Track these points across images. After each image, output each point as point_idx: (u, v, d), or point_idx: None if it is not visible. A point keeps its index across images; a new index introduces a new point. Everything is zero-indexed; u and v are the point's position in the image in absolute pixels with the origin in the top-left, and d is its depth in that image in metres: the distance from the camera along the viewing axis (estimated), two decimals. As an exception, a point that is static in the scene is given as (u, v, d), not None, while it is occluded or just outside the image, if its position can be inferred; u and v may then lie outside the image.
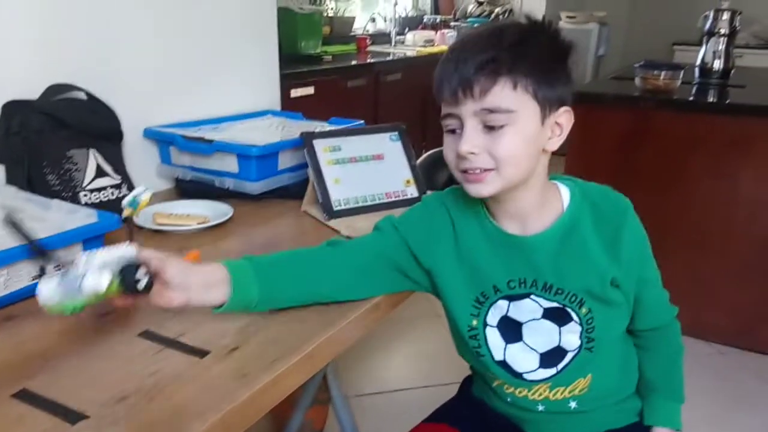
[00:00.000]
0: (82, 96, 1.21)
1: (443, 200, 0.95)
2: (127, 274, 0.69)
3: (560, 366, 0.93)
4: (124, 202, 0.77)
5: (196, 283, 0.78)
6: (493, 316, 0.93)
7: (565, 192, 0.91)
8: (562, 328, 0.91)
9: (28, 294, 0.88)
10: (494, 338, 0.93)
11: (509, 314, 0.92)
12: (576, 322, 0.90)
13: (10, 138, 1.10)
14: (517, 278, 0.90)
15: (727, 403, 2.01)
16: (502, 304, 0.92)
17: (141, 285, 0.70)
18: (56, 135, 1.12)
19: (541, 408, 0.96)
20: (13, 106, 1.12)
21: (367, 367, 2.25)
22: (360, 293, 0.92)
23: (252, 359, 0.73)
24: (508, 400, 0.98)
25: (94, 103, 1.22)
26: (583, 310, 0.90)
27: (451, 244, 0.93)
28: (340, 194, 1.25)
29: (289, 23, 2.89)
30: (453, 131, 0.84)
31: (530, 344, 0.93)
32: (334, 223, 1.20)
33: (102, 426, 0.62)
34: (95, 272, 0.63)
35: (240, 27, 1.64)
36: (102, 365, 0.72)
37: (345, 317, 0.85)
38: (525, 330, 0.92)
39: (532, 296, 0.90)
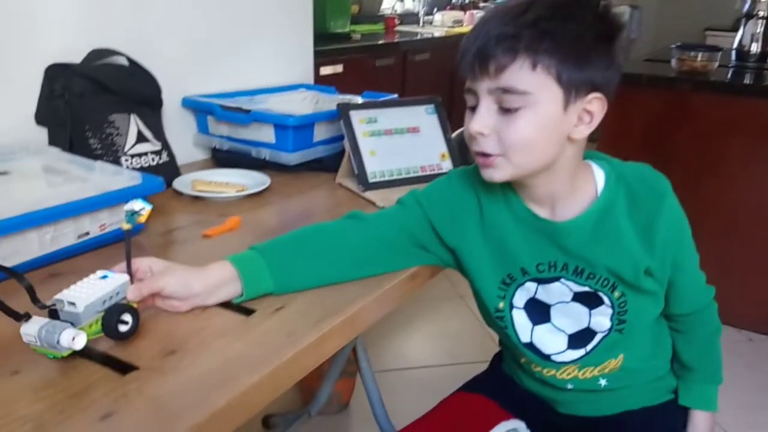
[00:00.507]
0: (124, 61, 1.22)
1: (470, 177, 0.90)
2: (109, 318, 0.66)
3: (589, 347, 0.91)
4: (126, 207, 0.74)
5: (199, 290, 0.75)
6: (520, 298, 0.90)
7: (599, 174, 0.85)
8: (592, 311, 0.88)
9: (73, 252, 0.90)
10: (521, 319, 0.92)
11: (537, 296, 0.90)
12: (607, 305, 0.87)
13: (52, 101, 1.11)
14: (546, 261, 0.87)
15: (756, 390, 1.99)
16: (530, 286, 0.89)
17: (124, 329, 0.67)
18: (98, 99, 1.13)
19: (570, 386, 0.94)
20: (55, 69, 1.13)
21: (391, 344, 2.26)
22: (382, 267, 0.89)
23: (297, 319, 0.74)
24: (537, 377, 0.97)
25: (135, 68, 1.22)
26: (616, 293, 0.87)
27: (477, 223, 0.89)
28: (375, 166, 1.25)
29: (318, 1, 2.88)
30: (472, 108, 0.79)
31: (558, 325, 0.91)
32: (369, 194, 1.20)
33: (152, 376, 0.63)
34: (71, 331, 0.62)
35: (276, 2, 1.64)
36: (150, 321, 0.73)
37: (383, 285, 0.85)
38: (553, 312, 0.90)
39: (563, 280, 0.87)
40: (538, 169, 0.80)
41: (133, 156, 1.16)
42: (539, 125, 0.76)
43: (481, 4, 4.80)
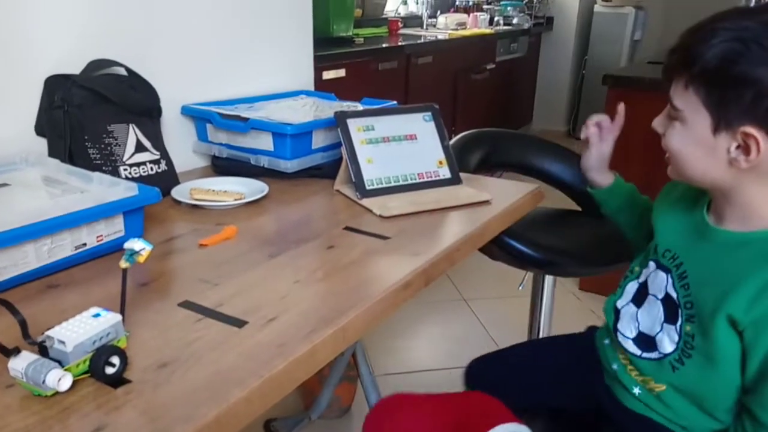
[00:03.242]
0: (123, 72, 1.23)
1: None
2: (96, 360, 0.65)
3: (646, 355, 0.93)
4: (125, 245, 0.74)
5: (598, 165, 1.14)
6: (644, 272, 0.98)
7: None
8: (665, 325, 0.90)
9: (70, 263, 0.91)
10: (630, 288, 1.00)
11: (648, 278, 0.96)
12: (676, 331, 0.87)
13: (52, 112, 1.12)
14: (676, 252, 0.91)
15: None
16: (651, 265, 0.96)
17: (111, 371, 0.65)
18: (97, 110, 1.14)
19: (637, 391, 0.96)
20: (55, 80, 1.14)
21: (392, 348, 2.27)
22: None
23: (289, 330, 0.75)
24: (614, 367, 1.00)
25: (134, 79, 1.24)
26: (688, 327, 0.86)
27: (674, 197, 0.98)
28: (372, 174, 1.26)
29: (321, 5, 2.89)
30: None
31: (640, 317, 0.96)
32: (366, 202, 1.20)
33: (144, 389, 0.64)
34: (57, 372, 0.62)
35: (275, 8, 1.65)
36: (142, 333, 0.74)
37: (374, 295, 0.85)
38: (646, 301, 0.95)
39: (671, 274, 0.91)
40: (700, 183, 0.84)
41: (131, 165, 1.17)
42: (688, 143, 0.80)
43: (485, 7, 4.81)
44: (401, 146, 1.32)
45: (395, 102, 1.54)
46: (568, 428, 1.14)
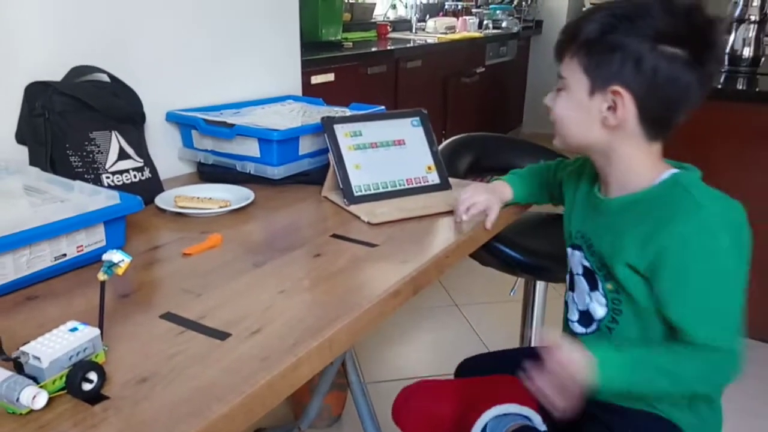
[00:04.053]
0: (105, 78, 1.21)
1: None
2: (73, 376, 0.63)
3: (589, 330, 1.01)
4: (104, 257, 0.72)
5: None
6: (569, 261, 1.07)
7: (663, 177, 0.92)
8: (591, 294, 0.99)
9: (50, 274, 0.88)
10: (568, 279, 1.08)
11: (571, 262, 1.06)
12: (601, 293, 0.97)
13: (32, 119, 1.10)
14: (582, 230, 1.02)
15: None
16: (569, 251, 1.06)
17: (88, 387, 0.63)
18: (79, 117, 1.12)
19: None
20: (35, 87, 1.12)
21: (384, 355, 2.25)
22: None
23: (273, 342, 0.73)
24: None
25: (116, 85, 1.22)
26: (609, 285, 0.96)
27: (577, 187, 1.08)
28: (360, 180, 1.24)
29: (309, 9, 2.87)
30: None
31: (576, 297, 1.05)
32: (354, 208, 1.19)
33: (122, 407, 0.62)
34: (31, 390, 0.60)
35: (262, 12, 1.63)
36: (123, 346, 0.72)
37: (362, 305, 0.83)
38: (575, 282, 1.05)
39: (582, 250, 1.01)
40: (581, 146, 0.96)
41: (114, 173, 1.15)
42: (571, 106, 0.92)
43: (474, 10, 4.81)
44: (389, 152, 1.31)
45: (383, 107, 1.53)
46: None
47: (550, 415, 0.95)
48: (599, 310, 0.98)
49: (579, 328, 1.03)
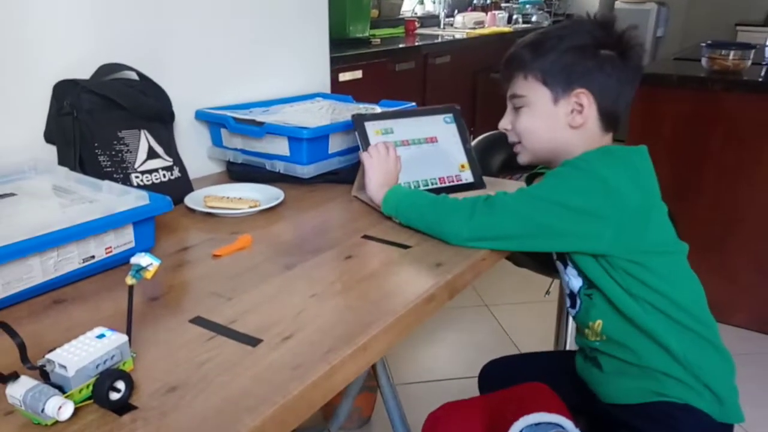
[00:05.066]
0: (134, 76, 1.20)
1: None
2: (100, 385, 0.60)
3: (577, 307, 1.06)
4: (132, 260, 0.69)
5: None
6: None
7: None
8: (567, 271, 1.06)
9: (78, 277, 0.87)
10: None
11: (554, 255, 1.11)
12: (571, 265, 1.03)
13: (61, 118, 1.09)
14: None
15: None
16: None
17: (115, 397, 0.61)
18: (108, 115, 1.11)
19: (598, 345, 1.03)
20: (64, 86, 1.11)
21: (414, 356, 2.22)
22: None
23: (305, 349, 0.70)
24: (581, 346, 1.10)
25: (145, 83, 1.20)
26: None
27: None
28: (392, 178, 1.20)
29: (337, 7, 2.85)
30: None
31: (564, 285, 1.10)
32: (386, 208, 1.15)
33: (151, 418, 0.59)
34: (57, 400, 0.58)
35: (291, 10, 1.61)
36: (151, 353, 0.70)
37: (397, 310, 0.80)
38: (559, 269, 1.10)
39: None
40: (548, 151, 1.05)
41: (143, 173, 1.14)
42: (537, 117, 1.03)
43: (503, 5, 4.74)
44: (421, 149, 1.27)
45: (414, 103, 1.49)
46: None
47: (582, 421, 0.98)
48: (575, 282, 1.04)
49: (572, 312, 1.09)
